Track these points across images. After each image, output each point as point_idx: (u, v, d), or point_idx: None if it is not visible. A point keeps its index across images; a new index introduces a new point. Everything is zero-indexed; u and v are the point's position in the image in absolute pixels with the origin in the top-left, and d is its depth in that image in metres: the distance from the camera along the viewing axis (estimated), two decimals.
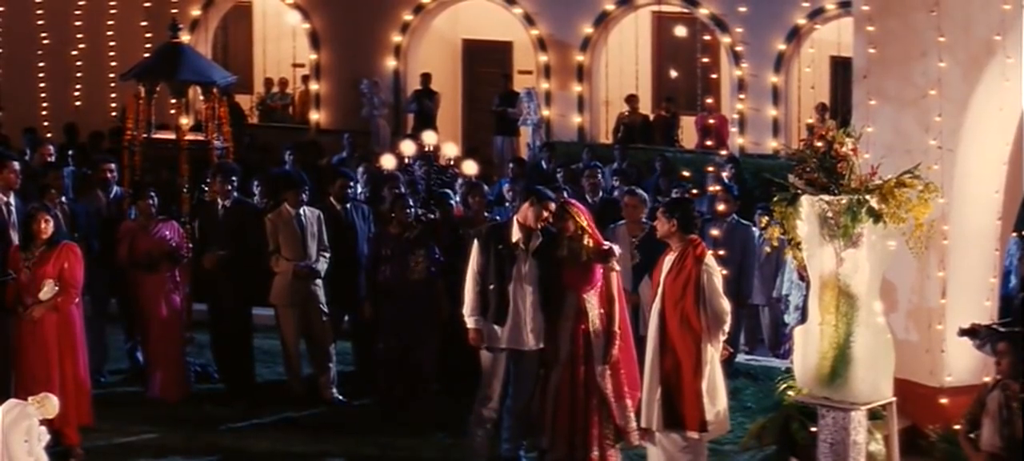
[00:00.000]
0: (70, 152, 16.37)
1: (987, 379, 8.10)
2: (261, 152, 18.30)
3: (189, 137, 11.77)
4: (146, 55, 14.63)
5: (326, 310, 11.05)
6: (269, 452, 9.87)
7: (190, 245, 11.31)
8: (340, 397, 11.05)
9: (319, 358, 11.15)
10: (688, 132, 21.90)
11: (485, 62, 24.22)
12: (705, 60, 18.97)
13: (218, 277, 10.99)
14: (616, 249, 9.27)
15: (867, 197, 7.06)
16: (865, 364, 7.32)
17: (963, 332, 8.17)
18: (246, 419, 10.63)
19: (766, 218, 7.97)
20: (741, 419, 10.12)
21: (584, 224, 9.08)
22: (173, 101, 12.13)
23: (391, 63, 22.92)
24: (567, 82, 22.20)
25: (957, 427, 8.70)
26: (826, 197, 7.19)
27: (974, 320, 8.66)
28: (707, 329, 8.26)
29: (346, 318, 11.72)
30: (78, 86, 17.80)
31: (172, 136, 11.83)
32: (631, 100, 22.08)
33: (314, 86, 23.38)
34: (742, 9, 20.26)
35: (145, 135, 11.84)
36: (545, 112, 22.04)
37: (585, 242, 9.03)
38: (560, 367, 9.12)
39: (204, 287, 11.33)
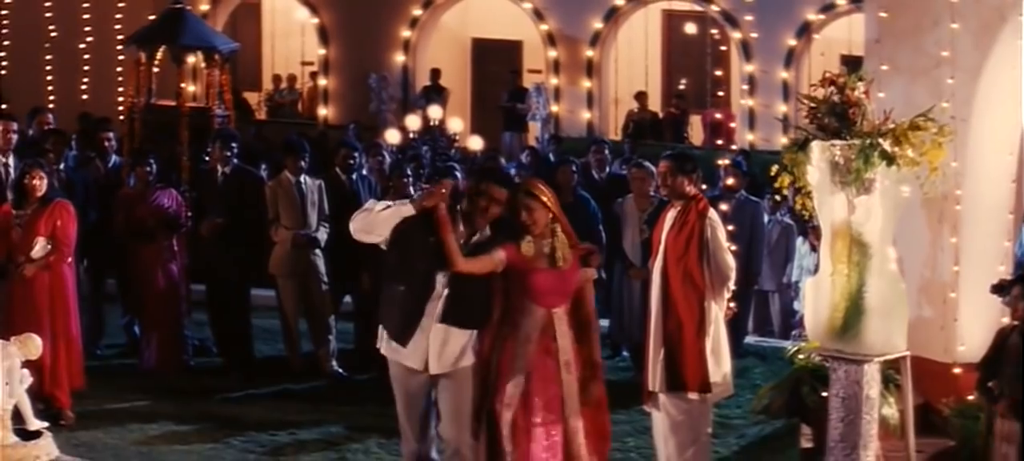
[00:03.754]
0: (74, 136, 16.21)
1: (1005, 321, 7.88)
2: (266, 142, 18.12)
3: (190, 105, 11.56)
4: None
5: (326, 281, 10.83)
6: (264, 420, 9.62)
7: (189, 214, 11.11)
8: (340, 370, 10.83)
9: (318, 330, 10.93)
10: (698, 129, 21.74)
11: (494, 61, 24.08)
12: (718, 52, 18.79)
13: (216, 246, 10.80)
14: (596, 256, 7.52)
15: (880, 140, 6.84)
16: (879, 314, 7.08)
17: (994, 288, 7.95)
18: (242, 389, 10.43)
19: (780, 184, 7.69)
20: (749, 396, 9.89)
21: (554, 206, 7.11)
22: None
23: (400, 59, 22.78)
24: (576, 78, 22.03)
25: (971, 398, 8.49)
26: (838, 142, 6.96)
27: (986, 291, 8.48)
28: (711, 286, 7.99)
29: (346, 298, 11.49)
30: (85, 80, 17.65)
31: (172, 103, 11.62)
32: (640, 97, 21.92)
33: (322, 81, 23.25)
34: (751, 8, 20.09)
35: (145, 102, 11.65)
36: (554, 108, 21.87)
37: (558, 237, 7.07)
38: (514, 406, 7.10)
39: (203, 262, 11.13)
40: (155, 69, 11.89)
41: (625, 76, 22.33)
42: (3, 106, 14.70)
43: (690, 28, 22.29)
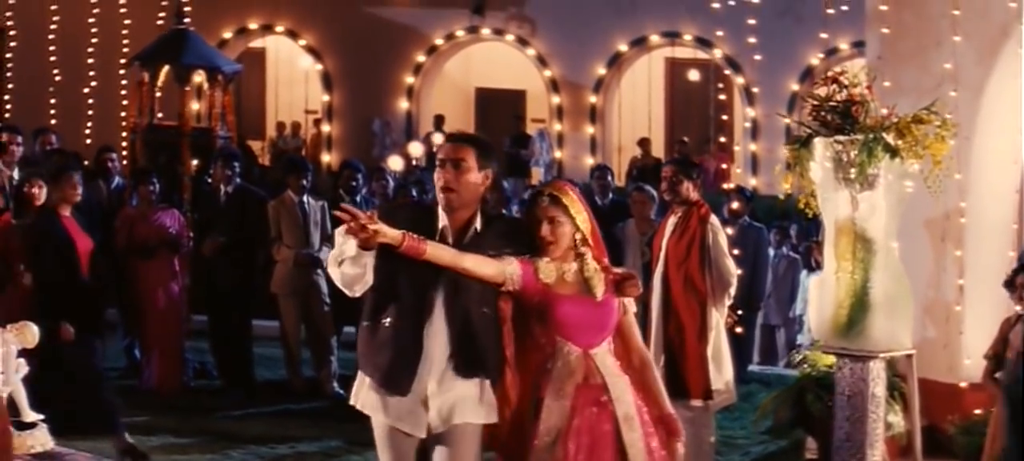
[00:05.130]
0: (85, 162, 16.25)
1: (1017, 308, 7.84)
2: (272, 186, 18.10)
3: (192, 125, 11.58)
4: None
5: (328, 301, 10.79)
6: (264, 435, 9.56)
7: (191, 234, 11.09)
8: (342, 391, 10.74)
9: (320, 350, 10.89)
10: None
11: (498, 110, 24.14)
12: (720, 97, 18.82)
13: (218, 265, 10.77)
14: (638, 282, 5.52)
15: (883, 133, 6.83)
16: (884, 310, 7.05)
17: (1006, 284, 7.94)
18: (242, 408, 10.37)
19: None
20: (753, 418, 9.82)
21: (585, 225, 5.36)
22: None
23: (404, 105, 22.84)
24: (580, 124, 22.08)
25: (978, 411, 8.42)
26: (841, 137, 6.96)
27: (991, 304, 8.45)
28: (712, 291, 7.98)
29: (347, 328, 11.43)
30: (90, 99, 17.68)
31: (174, 123, 11.63)
32: (644, 143, 21.96)
33: (326, 128, 23.30)
34: (754, 53, 20.14)
35: (148, 122, 11.66)
36: (558, 154, 21.88)
37: (587, 262, 5.33)
38: None
39: (204, 285, 11.08)
40: (158, 91, 11.87)
41: (628, 122, 22.38)
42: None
43: (693, 75, 22.35)
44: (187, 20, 11.78)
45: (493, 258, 5.24)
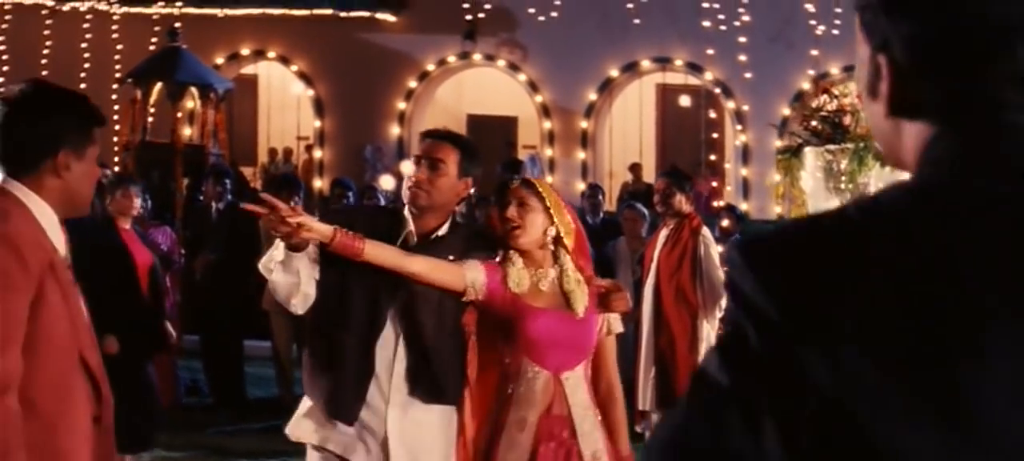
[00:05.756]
0: None
1: None
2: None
3: (184, 142, 11.59)
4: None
5: None
6: (255, 450, 9.53)
7: (182, 251, 11.09)
8: None
9: None
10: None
11: (490, 136, 24.14)
12: (710, 118, 18.90)
13: (210, 282, 10.76)
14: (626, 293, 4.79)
15: (874, 141, 6.88)
16: None
17: None
18: (234, 424, 10.35)
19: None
20: None
21: (564, 225, 4.57)
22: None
23: (395, 130, 22.86)
24: (571, 149, 22.12)
25: None
26: (831, 146, 7.01)
27: None
28: (704, 303, 8.01)
29: None
30: None
31: (167, 141, 11.65)
32: (635, 168, 22.01)
33: (318, 153, 23.33)
34: (745, 78, 20.23)
35: (141, 139, 11.68)
36: (549, 178, 21.90)
37: (566, 268, 4.55)
38: None
39: (195, 305, 11.07)
40: (151, 109, 11.90)
41: (620, 148, 22.43)
42: None
43: (684, 100, 22.43)
44: (180, 37, 11.82)
45: (453, 263, 4.45)
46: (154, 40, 13.70)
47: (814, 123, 7.08)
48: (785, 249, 1.40)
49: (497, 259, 4.54)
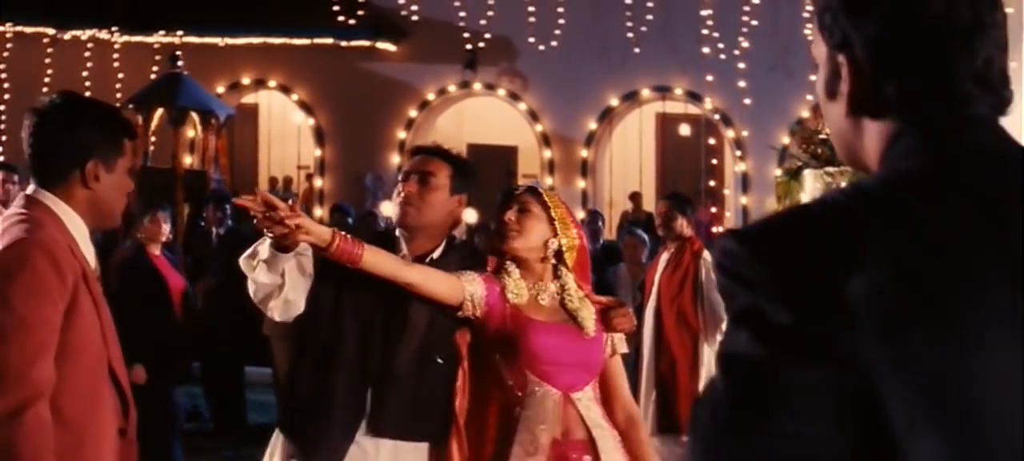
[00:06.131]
0: None
1: None
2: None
3: (185, 168, 11.62)
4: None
5: None
6: None
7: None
8: None
9: None
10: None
11: (490, 165, 24.19)
12: (710, 145, 18.93)
13: (210, 307, 10.77)
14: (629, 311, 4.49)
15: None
16: None
17: None
18: (234, 449, 10.34)
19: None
20: None
21: (568, 239, 4.31)
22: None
23: (396, 159, 22.88)
24: (571, 178, 22.15)
25: None
26: (831, 168, 7.04)
27: None
28: (705, 327, 8.03)
29: None
30: None
31: (168, 167, 11.68)
32: (635, 197, 22.03)
33: (318, 182, 23.36)
34: (745, 107, 20.29)
35: (142, 164, 11.71)
36: None
37: (568, 286, 4.28)
38: None
39: (196, 332, 11.06)
40: (152, 134, 11.94)
41: (620, 176, 22.46)
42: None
43: (684, 129, 22.48)
44: (181, 64, 11.86)
45: (451, 275, 4.14)
46: (155, 69, 13.75)
47: (814, 145, 7.11)
48: (785, 236, 1.43)
49: (490, 269, 4.26)
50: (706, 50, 19.85)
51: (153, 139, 12.11)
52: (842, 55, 1.52)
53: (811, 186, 7.16)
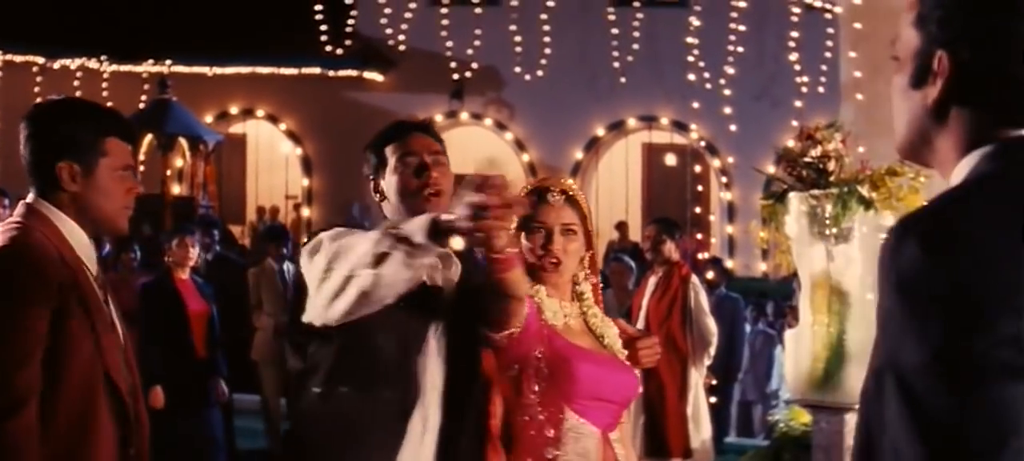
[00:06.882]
0: None
1: None
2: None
3: (174, 194, 11.65)
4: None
5: None
6: None
7: None
8: None
9: None
10: None
11: None
12: (696, 173, 19.03)
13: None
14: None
15: (858, 186, 6.96)
16: (860, 362, 7.11)
17: None
18: None
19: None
20: None
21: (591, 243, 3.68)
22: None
23: None
24: None
25: None
26: (816, 191, 7.08)
27: None
28: (693, 350, 8.08)
29: None
30: None
31: (157, 192, 11.71)
32: (621, 227, 22.08)
33: (306, 212, 23.39)
34: (730, 136, 20.39)
35: None
36: None
37: (589, 306, 3.60)
38: None
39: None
40: (141, 160, 11.96)
41: (606, 206, 22.51)
42: None
43: (670, 159, 22.57)
44: (169, 91, 11.92)
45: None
46: (144, 98, 13.80)
47: (798, 168, 7.16)
48: (963, 230, 1.52)
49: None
50: (692, 77, 19.97)
51: (143, 163, 12.12)
52: (943, 50, 1.61)
53: (796, 208, 7.20)
